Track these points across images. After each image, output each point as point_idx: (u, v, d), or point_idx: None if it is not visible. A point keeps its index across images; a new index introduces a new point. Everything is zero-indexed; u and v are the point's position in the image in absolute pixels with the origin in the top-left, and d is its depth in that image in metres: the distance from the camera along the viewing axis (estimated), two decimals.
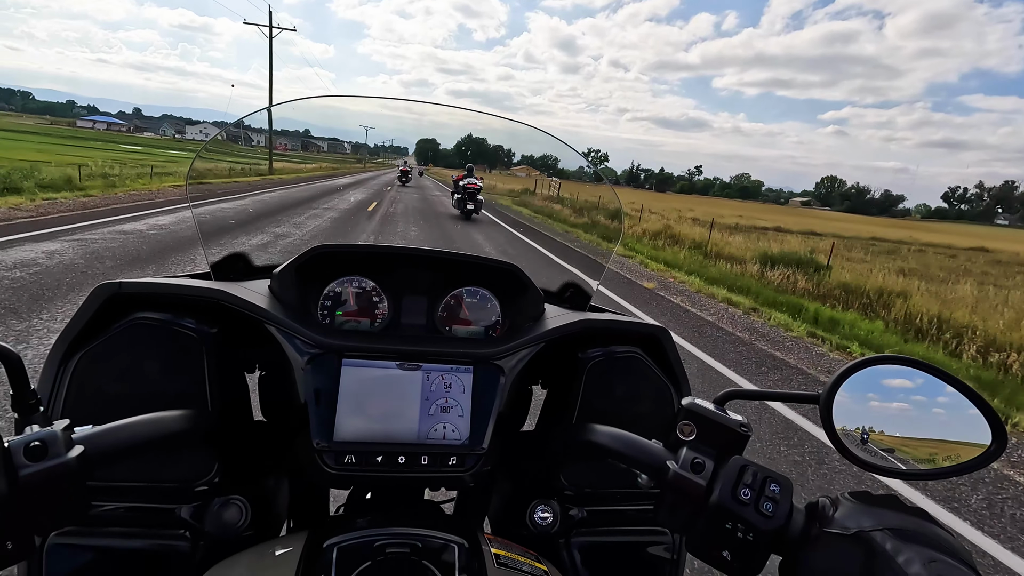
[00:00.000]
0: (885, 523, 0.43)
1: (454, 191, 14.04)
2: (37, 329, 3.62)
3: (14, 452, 0.40)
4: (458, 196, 13.49)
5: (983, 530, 2.67)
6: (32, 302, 4.17)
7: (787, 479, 0.48)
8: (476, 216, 13.69)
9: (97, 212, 9.28)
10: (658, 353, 0.79)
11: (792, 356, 5.45)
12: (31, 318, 3.82)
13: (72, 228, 7.51)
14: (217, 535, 0.63)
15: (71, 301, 4.26)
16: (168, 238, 7.49)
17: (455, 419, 0.65)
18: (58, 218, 8.28)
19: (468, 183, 13.26)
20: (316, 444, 0.60)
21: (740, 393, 0.57)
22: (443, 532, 0.53)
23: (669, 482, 0.49)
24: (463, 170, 13.77)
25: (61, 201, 10.11)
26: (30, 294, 4.35)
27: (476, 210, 13.50)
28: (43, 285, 4.62)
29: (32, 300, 4.21)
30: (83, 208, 9.58)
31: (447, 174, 16.69)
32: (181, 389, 0.65)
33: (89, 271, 5.27)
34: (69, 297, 4.36)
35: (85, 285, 4.72)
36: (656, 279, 9.06)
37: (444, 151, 58.06)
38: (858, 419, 0.52)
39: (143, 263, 5.93)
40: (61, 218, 8.30)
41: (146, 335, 0.64)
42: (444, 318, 0.77)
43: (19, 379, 0.45)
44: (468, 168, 13.90)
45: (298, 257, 0.71)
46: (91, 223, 8.05)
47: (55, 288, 4.57)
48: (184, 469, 0.65)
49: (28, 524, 0.40)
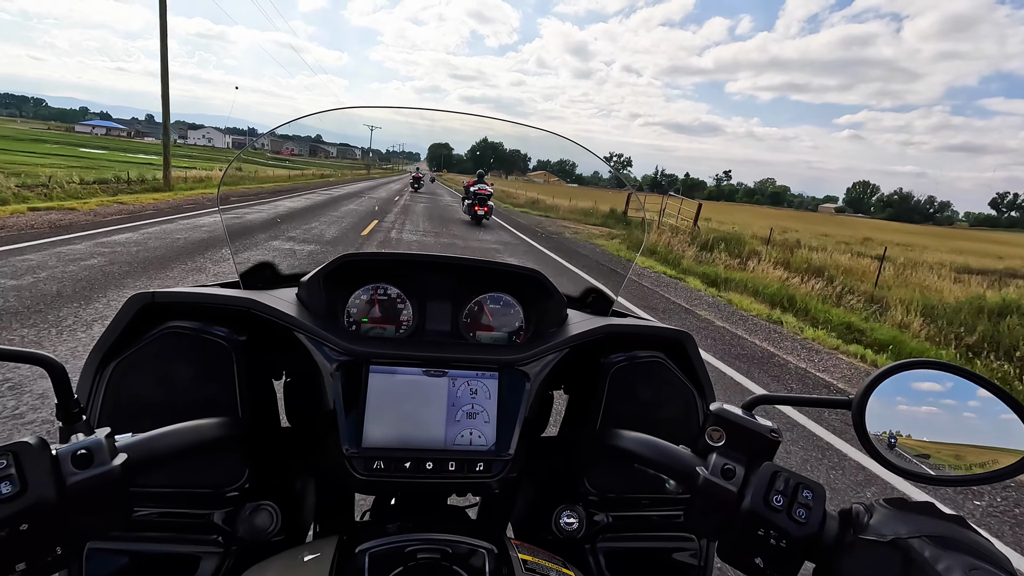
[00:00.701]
0: (923, 530, 0.43)
1: (465, 196, 14.21)
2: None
3: (62, 460, 0.42)
4: (469, 202, 13.65)
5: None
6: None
7: (820, 485, 0.49)
8: (486, 222, 13.82)
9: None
10: (682, 358, 0.81)
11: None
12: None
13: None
14: (249, 540, 0.66)
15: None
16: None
17: (481, 425, 0.66)
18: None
19: (479, 188, 13.41)
20: (345, 450, 0.62)
21: (770, 398, 0.59)
22: (472, 538, 0.55)
23: (700, 488, 0.50)
24: (474, 176, 13.96)
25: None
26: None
27: (487, 216, 13.63)
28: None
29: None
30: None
31: (460, 180, 16.70)
32: (212, 395, 0.68)
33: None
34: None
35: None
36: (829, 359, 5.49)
37: (458, 156, 58.07)
38: (887, 423, 0.53)
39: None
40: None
41: (178, 343, 0.68)
42: (468, 324, 0.79)
43: (63, 388, 0.48)
44: (479, 174, 14.05)
45: (326, 265, 0.73)
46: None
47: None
48: (216, 475, 0.67)
49: (76, 530, 0.42)
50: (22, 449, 0.40)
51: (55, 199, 10.48)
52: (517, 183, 25.82)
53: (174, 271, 5.80)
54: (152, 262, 6.09)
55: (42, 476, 0.40)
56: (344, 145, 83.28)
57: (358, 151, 75.00)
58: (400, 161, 41.54)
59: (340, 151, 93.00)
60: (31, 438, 0.41)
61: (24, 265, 5.35)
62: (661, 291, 8.07)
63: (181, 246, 7.21)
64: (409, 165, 29.53)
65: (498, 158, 42.09)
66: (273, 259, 0.87)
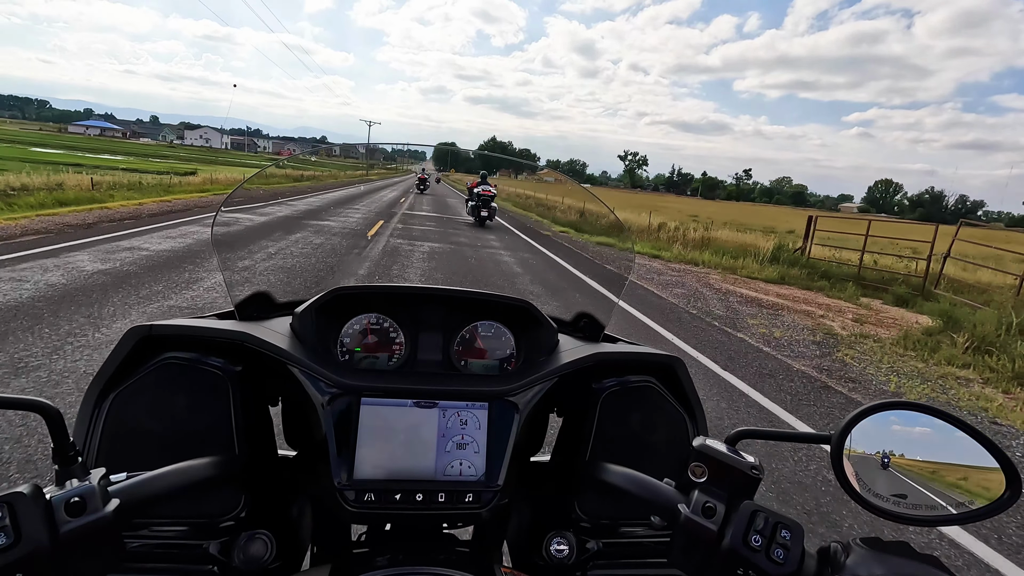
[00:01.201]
0: (896, 570, 0.45)
1: (468, 198, 14.28)
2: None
3: (56, 508, 0.44)
4: (472, 203, 13.73)
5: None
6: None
7: (798, 524, 0.51)
8: (490, 223, 13.89)
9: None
10: (673, 383, 0.83)
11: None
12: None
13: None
14: (244, 569, 0.68)
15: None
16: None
17: (471, 455, 0.69)
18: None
19: (483, 190, 13.49)
20: (337, 483, 0.64)
21: (752, 432, 0.60)
22: (463, 571, 0.57)
23: (681, 525, 0.52)
24: (478, 177, 14.03)
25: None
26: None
27: (490, 217, 13.72)
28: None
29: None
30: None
31: (467, 180, 16.61)
32: (209, 425, 0.70)
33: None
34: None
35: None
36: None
37: (465, 155, 56.66)
38: (872, 464, 0.54)
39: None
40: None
41: (176, 374, 0.70)
42: (460, 352, 0.81)
43: (59, 433, 0.50)
44: (482, 175, 14.10)
45: (319, 298, 0.76)
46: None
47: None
48: (212, 506, 0.70)
49: (70, 574, 0.44)
50: (16, 500, 0.42)
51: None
52: (527, 183, 25.42)
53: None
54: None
55: (36, 525, 0.42)
56: (347, 145, 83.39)
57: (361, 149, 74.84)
58: (405, 161, 41.42)
59: (342, 150, 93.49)
60: (25, 487, 0.43)
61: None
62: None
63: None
64: (415, 165, 29.68)
65: (507, 157, 41.71)
66: (267, 289, 0.89)
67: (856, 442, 0.55)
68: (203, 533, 0.70)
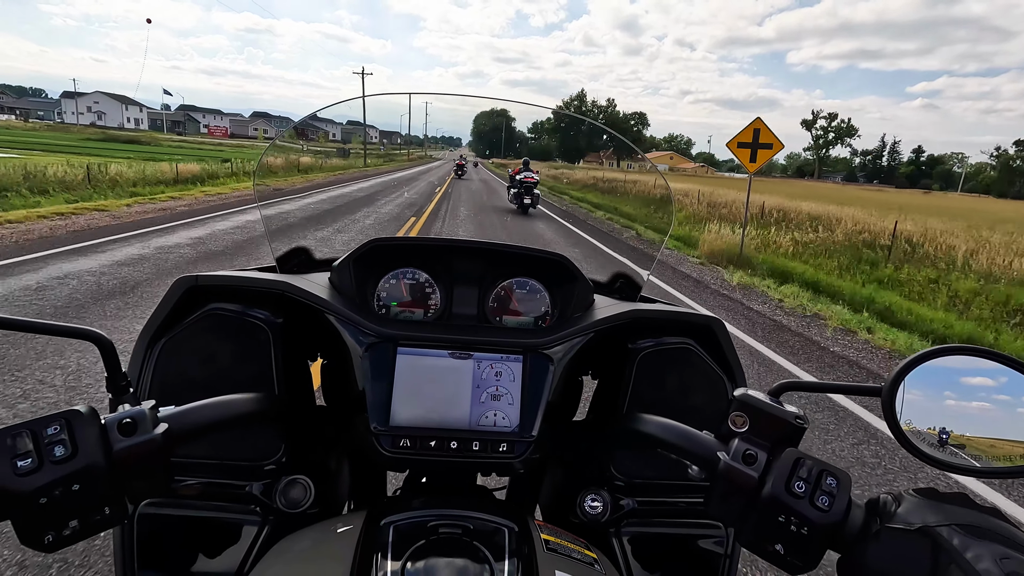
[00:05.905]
0: (953, 519, 0.44)
1: (510, 185, 14.32)
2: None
3: (109, 428, 0.48)
4: (515, 190, 13.76)
5: None
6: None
7: (845, 473, 0.50)
8: (532, 211, 13.86)
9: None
10: (712, 344, 0.83)
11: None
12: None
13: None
14: (285, 511, 0.74)
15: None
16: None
17: (505, 407, 0.72)
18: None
19: (525, 176, 13.48)
20: (373, 428, 0.69)
21: (796, 385, 0.61)
22: (494, 515, 0.60)
23: (720, 473, 0.53)
24: (520, 163, 14.02)
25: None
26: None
27: (533, 204, 13.69)
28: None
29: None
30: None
31: (508, 166, 16.40)
32: (251, 373, 0.77)
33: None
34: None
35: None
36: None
37: (520, 133, 51.92)
38: (933, 418, 0.53)
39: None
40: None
41: (220, 324, 0.77)
42: (495, 308, 0.85)
43: (112, 363, 0.56)
44: (524, 162, 14.09)
45: (356, 250, 0.81)
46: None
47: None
48: (254, 449, 0.76)
49: (121, 492, 0.49)
50: (73, 416, 0.47)
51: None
52: (576, 168, 24.54)
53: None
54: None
55: (91, 441, 0.47)
56: (375, 130, 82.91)
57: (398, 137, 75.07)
58: (439, 147, 41.14)
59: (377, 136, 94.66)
60: (82, 406, 0.49)
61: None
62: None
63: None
64: (452, 151, 29.93)
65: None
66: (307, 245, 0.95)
67: (916, 396, 0.54)
68: (246, 475, 0.76)
